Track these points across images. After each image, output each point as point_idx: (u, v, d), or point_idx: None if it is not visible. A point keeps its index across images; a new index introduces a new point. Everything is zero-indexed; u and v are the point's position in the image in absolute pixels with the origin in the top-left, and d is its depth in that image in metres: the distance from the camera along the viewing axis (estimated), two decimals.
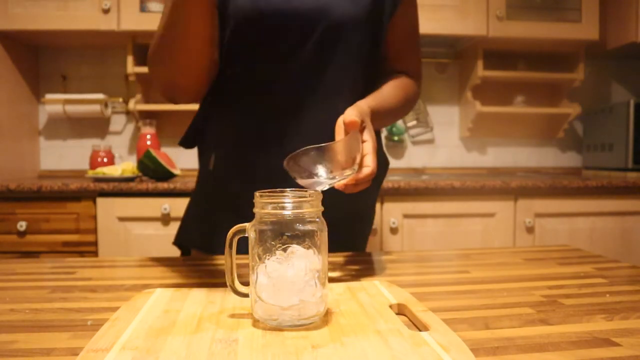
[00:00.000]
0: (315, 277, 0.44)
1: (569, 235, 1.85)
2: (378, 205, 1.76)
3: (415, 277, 0.66)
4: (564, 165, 2.53)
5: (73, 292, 0.58)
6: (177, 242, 0.93)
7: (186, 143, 0.91)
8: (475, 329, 0.45)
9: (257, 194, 0.45)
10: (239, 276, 0.47)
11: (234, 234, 0.46)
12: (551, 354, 0.40)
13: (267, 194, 0.45)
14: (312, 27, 0.81)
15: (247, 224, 0.45)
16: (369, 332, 0.42)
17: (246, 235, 0.45)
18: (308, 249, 0.43)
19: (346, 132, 0.60)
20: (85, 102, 2.12)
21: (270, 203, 0.44)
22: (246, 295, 0.46)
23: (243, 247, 0.49)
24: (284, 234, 0.43)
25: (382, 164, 0.94)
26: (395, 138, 2.38)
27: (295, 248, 0.43)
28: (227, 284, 0.47)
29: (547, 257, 0.76)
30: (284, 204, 0.43)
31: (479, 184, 1.78)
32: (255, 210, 0.45)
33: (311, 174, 0.54)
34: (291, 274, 0.43)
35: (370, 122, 0.66)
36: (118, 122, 2.30)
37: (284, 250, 0.43)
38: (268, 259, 0.43)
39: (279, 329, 0.43)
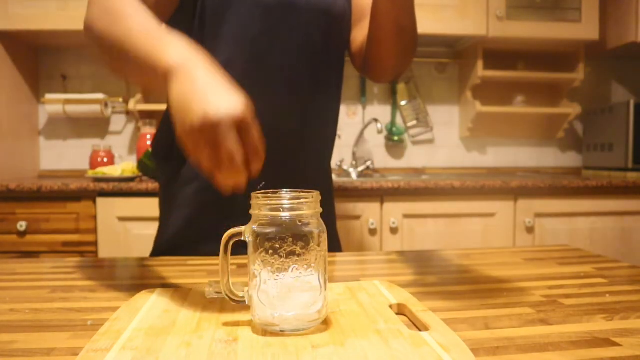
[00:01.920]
0: (315, 280, 0.43)
1: (569, 235, 1.85)
2: (378, 205, 1.76)
3: (415, 277, 0.66)
4: (564, 165, 2.53)
5: (73, 292, 0.58)
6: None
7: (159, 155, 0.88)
8: (475, 329, 0.45)
9: (254, 195, 0.44)
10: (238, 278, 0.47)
11: (230, 237, 0.44)
12: (551, 354, 0.40)
13: (265, 195, 0.44)
14: (316, 21, 0.82)
15: (243, 227, 0.44)
16: (369, 332, 0.42)
17: (242, 238, 0.44)
18: (307, 251, 0.43)
19: None
20: (85, 102, 2.12)
21: (268, 204, 0.43)
22: (242, 302, 0.45)
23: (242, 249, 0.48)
24: (283, 236, 0.42)
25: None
26: (395, 138, 2.38)
27: (294, 250, 0.42)
28: (222, 290, 0.45)
29: (547, 257, 0.76)
30: (282, 206, 0.42)
31: (479, 184, 1.78)
32: (253, 212, 0.44)
33: None
34: (291, 277, 0.42)
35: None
36: (118, 122, 2.30)
37: (283, 252, 0.42)
38: (266, 262, 0.42)
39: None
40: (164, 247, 0.88)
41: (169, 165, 0.88)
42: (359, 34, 0.91)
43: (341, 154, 2.35)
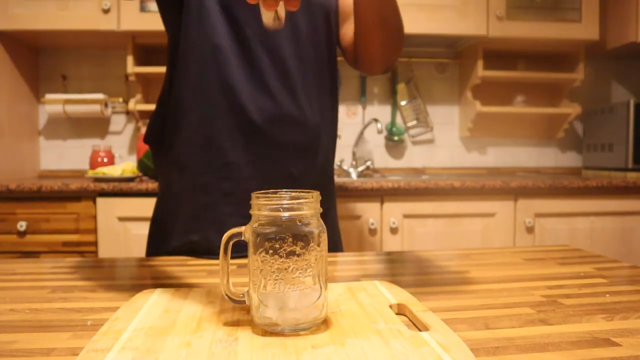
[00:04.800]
0: (315, 280, 0.43)
1: (569, 235, 1.85)
2: (378, 205, 1.76)
3: (415, 277, 0.66)
4: (564, 165, 2.53)
5: (73, 292, 0.58)
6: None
7: (152, 140, 0.89)
8: (475, 329, 0.45)
9: (254, 195, 0.44)
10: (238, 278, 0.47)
11: (230, 238, 0.44)
12: (551, 354, 0.40)
13: (265, 195, 0.44)
14: (301, 13, 0.83)
15: (243, 227, 0.44)
16: (369, 332, 0.42)
17: (242, 239, 0.44)
18: (307, 251, 0.43)
19: None
20: (85, 102, 2.12)
21: (268, 205, 0.42)
22: (242, 302, 0.45)
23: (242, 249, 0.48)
24: (283, 236, 0.42)
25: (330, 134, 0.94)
26: (395, 138, 2.38)
27: (294, 250, 0.42)
28: (222, 290, 0.45)
29: (547, 257, 0.76)
30: (282, 206, 0.42)
31: (479, 184, 1.78)
32: (252, 212, 0.44)
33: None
34: (291, 277, 0.42)
35: None
36: (118, 122, 2.31)
37: (283, 252, 0.42)
38: (266, 262, 0.42)
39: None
40: (156, 237, 0.90)
41: (160, 151, 0.89)
42: (348, 29, 0.93)
43: (341, 154, 2.35)
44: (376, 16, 0.80)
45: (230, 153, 0.82)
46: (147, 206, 1.69)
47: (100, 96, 2.14)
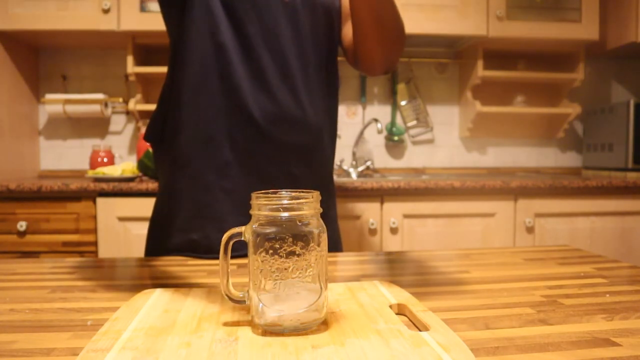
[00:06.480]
0: (315, 280, 0.43)
1: (569, 235, 1.85)
2: (378, 205, 1.76)
3: (415, 277, 0.66)
4: (564, 165, 2.53)
5: (73, 292, 0.58)
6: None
7: (152, 136, 0.89)
8: (475, 329, 0.45)
9: (254, 195, 0.44)
10: (238, 278, 0.47)
11: (230, 238, 0.44)
12: (551, 354, 0.40)
13: (265, 195, 0.44)
14: (303, 12, 0.83)
15: (243, 227, 0.44)
16: (369, 332, 0.42)
17: (242, 238, 0.44)
18: (307, 251, 0.43)
19: None
20: (85, 102, 2.12)
21: (268, 205, 0.42)
22: (242, 302, 0.45)
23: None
24: (283, 236, 0.42)
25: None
26: (395, 138, 2.38)
27: (294, 250, 0.42)
28: (222, 290, 0.45)
29: (547, 257, 0.76)
30: (283, 205, 0.42)
31: (479, 184, 1.78)
32: (252, 212, 0.44)
33: None
34: (291, 277, 0.42)
35: None
36: (118, 122, 2.31)
37: (283, 252, 0.42)
38: (266, 262, 0.42)
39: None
40: (156, 233, 0.90)
41: (161, 149, 0.89)
42: (349, 29, 0.93)
43: (341, 154, 2.35)
44: (371, 14, 0.80)
45: (231, 152, 0.82)
46: (147, 206, 1.69)
47: (100, 96, 2.14)
